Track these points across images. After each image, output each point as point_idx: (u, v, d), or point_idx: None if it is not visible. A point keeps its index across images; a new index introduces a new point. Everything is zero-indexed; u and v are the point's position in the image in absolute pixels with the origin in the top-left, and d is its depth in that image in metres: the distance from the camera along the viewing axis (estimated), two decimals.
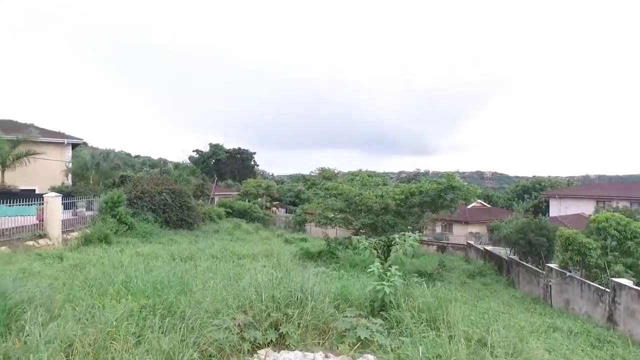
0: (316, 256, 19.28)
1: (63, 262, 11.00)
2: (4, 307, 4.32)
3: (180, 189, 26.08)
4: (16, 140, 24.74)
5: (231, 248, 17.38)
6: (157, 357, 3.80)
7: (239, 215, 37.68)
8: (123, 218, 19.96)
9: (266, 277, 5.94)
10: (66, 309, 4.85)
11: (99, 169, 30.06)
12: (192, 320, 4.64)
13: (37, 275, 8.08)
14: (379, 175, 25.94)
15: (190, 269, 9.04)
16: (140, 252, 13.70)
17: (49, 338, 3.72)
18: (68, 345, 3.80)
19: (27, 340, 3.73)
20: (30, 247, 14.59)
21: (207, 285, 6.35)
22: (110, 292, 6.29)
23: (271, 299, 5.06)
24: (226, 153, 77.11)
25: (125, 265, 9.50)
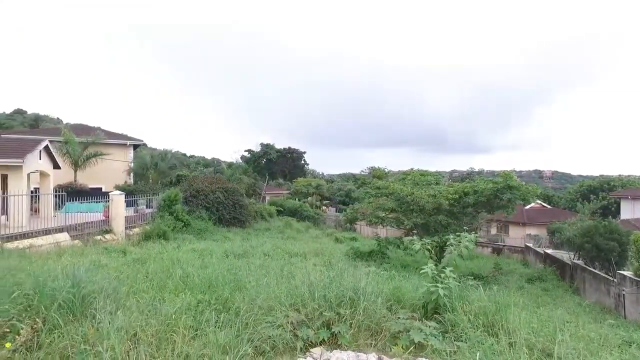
0: (367, 256, 19.14)
1: (126, 256, 11.63)
2: (79, 295, 4.65)
3: (233, 188, 26.87)
4: (86, 143, 26.66)
5: (282, 246, 17.64)
6: (213, 351, 3.91)
7: (289, 214, 38.23)
8: (179, 215, 20.87)
9: (318, 276, 5.95)
10: (130, 301, 5.13)
11: (158, 169, 31.69)
12: (246, 317, 4.74)
13: (105, 267, 8.60)
14: (432, 175, 25.29)
15: (243, 266, 9.25)
16: (195, 248, 14.22)
17: (117, 326, 3.96)
18: (133, 335, 4.01)
19: (99, 327, 3.99)
20: (98, 241, 15.65)
21: (260, 283, 6.47)
22: (169, 286, 6.58)
23: (323, 298, 5.06)
24: (277, 152, 78.52)
25: (182, 261, 9.92)
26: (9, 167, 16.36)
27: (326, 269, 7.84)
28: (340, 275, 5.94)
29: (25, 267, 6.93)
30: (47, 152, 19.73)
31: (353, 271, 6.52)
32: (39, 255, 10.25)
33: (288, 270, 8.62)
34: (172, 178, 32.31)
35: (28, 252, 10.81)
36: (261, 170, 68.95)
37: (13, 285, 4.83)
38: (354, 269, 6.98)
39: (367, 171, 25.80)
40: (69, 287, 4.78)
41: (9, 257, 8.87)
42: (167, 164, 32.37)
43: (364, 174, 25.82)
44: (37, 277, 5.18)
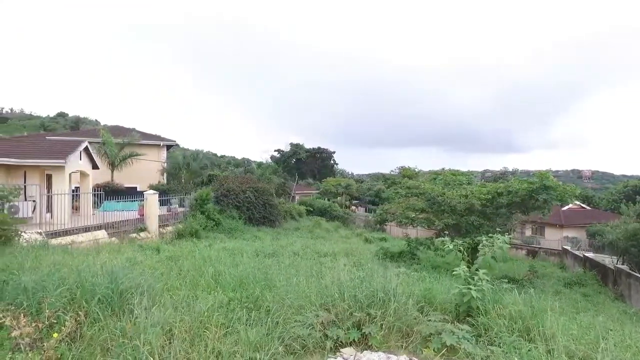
0: (396, 256, 18.96)
1: (160, 254, 11.93)
2: (117, 290, 4.83)
3: (263, 188, 27.17)
4: (122, 143, 27.62)
5: (312, 246, 17.70)
6: (245, 348, 3.98)
7: (319, 214, 38.33)
8: (211, 214, 21.28)
9: (348, 276, 5.94)
10: (165, 297, 5.28)
11: (190, 169, 32.43)
12: (276, 315, 4.79)
13: (140, 264, 8.86)
14: (464, 174, 24.74)
15: (273, 265, 9.34)
16: (226, 247, 14.46)
17: (153, 322, 4.09)
18: (168, 330, 4.13)
19: (136, 322, 4.14)
20: (134, 238, 16.16)
21: (290, 282, 6.52)
22: (202, 284, 6.72)
23: (354, 298, 5.04)
24: (306, 152, 78.88)
25: (214, 259, 10.10)
26: (53, 168, 17.16)
27: (356, 269, 7.82)
28: (370, 276, 5.91)
29: (68, 263, 7.24)
30: (86, 152, 20.57)
31: (383, 272, 6.48)
32: (79, 251, 10.68)
33: (318, 270, 8.64)
34: (203, 178, 32.99)
35: (70, 248, 11.27)
36: (291, 170, 69.46)
37: (58, 280, 5.07)
38: (384, 270, 6.93)
39: (396, 171, 25.52)
40: (107, 282, 4.99)
41: (53, 252, 9.29)
42: (199, 164, 33.08)
43: (394, 174, 25.54)
44: (79, 273, 5.42)
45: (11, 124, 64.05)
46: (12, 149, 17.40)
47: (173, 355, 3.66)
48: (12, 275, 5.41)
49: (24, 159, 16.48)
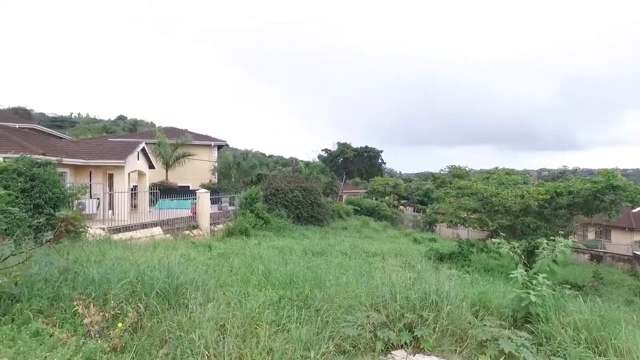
0: (447, 257, 18.45)
1: (211, 251, 12.33)
2: (173, 285, 5.04)
3: (311, 187, 27.36)
4: (176, 144, 28.84)
5: (360, 245, 17.61)
6: (295, 346, 4.00)
7: (366, 213, 38.07)
8: (260, 213, 21.71)
9: (399, 277, 5.83)
10: (218, 293, 5.43)
11: (240, 168, 33.30)
12: (326, 315, 4.78)
13: (193, 261, 9.20)
14: (519, 173, 23.61)
15: (322, 264, 9.38)
16: (275, 245, 14.70)
17: (207, 317, 4.21)
18: (221, 325, 4.23)
19: (191, 316, 4.29)
20: (187, 235, 16.82)
21: (340, 281, 6.50)
22: (253, 281, 6.85)
23: (405, 299, 4.94)
24: (354, 151, 78.59)
25: (263, 257, 10.29)
26: (114, 167, 18.23)
27: (406, 270, 7.67)
28: (421, 277, 5.77)
29: (129, 257, 7.66)
30: (143, 153, 21.65)
31: (434, 273, 6.30)
32: (138, 246, 11.26)
33: (367, 270, 8.57)
34: (252, 177, 33.75)
35: (129, 243, 11.90)
36: (338, 169, 69.53)
37: (120, 273, 5.36)
38: (435, 271, 6.75)
39: (446, 170, 24.75)
40: (164, 277, 5.21)
41: (115, 247, 9.87)
42: (248, 164, 33.88)
43: (443, 173, 24.79)
44: (138, 267, 5.70)
45: (78, 127, 68.78)
46: (80, 150, 18.65)
47: (226, 350, 3.75)
48: (81, 267, 5.79)
49: (89, 159, 17.62)
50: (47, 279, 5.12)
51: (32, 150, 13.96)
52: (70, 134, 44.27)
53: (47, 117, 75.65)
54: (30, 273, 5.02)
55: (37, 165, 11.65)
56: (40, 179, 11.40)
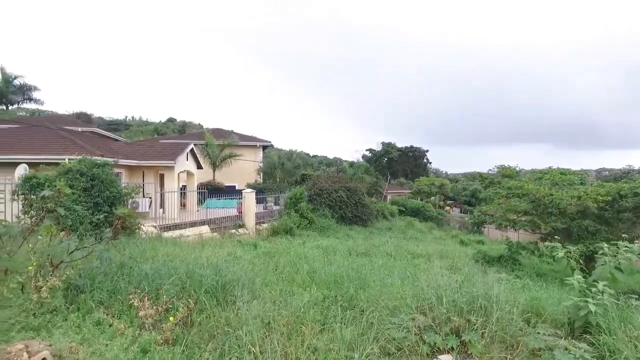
0: (495, 261, 17.77)
1: (257, 250, 12.56)
2: (221, 282, 5.19)
3: (355, 187, 27.25)
4: (223, 145, 29.71)
5: (405, 246, 17.34)
6: (340, 346, 4.00)
7: (411, 214, 37.44)
8: (304, 213, 21.88)
9: (445, 279, 5.70)
10: (264, 291, 5.54)
11: (284, 168, 33.76)
12: (371, 316, 4.76)
13: (239, 259, 9.43)
14: (575, 173, 22.30)
15: (366, 265, 9.32)
16: (319, 245, 14.75)
17: (253, 314, 4.31)
18: (267, 323, 4.32)
19: (238, 313, 4.40)
20: (233, 234, 17.26)
21: (385, 282, 6.44)
22: (298, 280, 6.93)
23: (452, 303, 4.81)
24: (398, 151, 77.49)
25: (308, 256, 10.36)
26: (165, 168, 19.05)
27: (452, 273, 7.47)
28: (469, 280, 5.60)
29: (179, 254, 7.97)
30: (192, 154, 22.48)
31: (483, 276, 6.10)
32: (187, 244, 11.70)
33: (412, 272, 8.43)
34: (297, 177, 34.09)
35: (179, 241, 12.38)
36: (382, 169, 68.84)
37: (171, 269, 5.59)
38: (483, 274, 6.53)
39: (495, 170, 23.80)
40: (212, 275, 5.38)
41: (166, 244, 10.30)
42: (292, 164, 34.28)
43: (492, 173, 23.86)
44: (187, 265, 5.93)
45: (132, 129, 72.49)
46: (133, 152, 19.65)
47: (272, 347, 3.81)
48: (136, 263, 6.10)
49: (142, 160, 18.52)
50: (106, 272, 5.44)
51: (92, 152, 14.88)
52: (124, 136, 46.76)
53: (105, 121, 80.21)
54: (91, 267, 5.36)
55: (96, 166, 12.36)
56: (99, 178, 12.10)
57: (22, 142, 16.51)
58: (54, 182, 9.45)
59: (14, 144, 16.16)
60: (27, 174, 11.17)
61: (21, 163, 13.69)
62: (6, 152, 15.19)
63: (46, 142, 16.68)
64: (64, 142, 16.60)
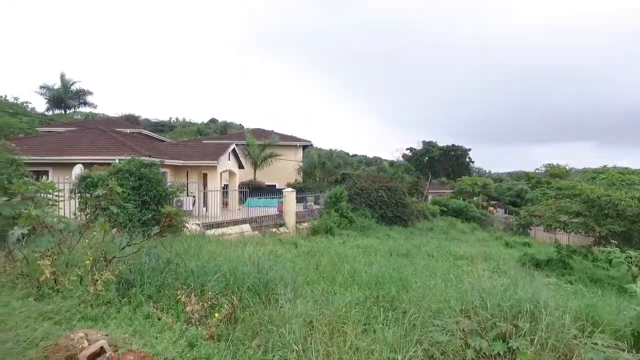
0: (543, 264, 16.99)
1: (297, 249, 12.65)
2: (264, 280, 5.28)
3: (396, 186, 26.92)
4: (264, 145, 30.18)
5: (447, 247, 16.94)
6: (382, 348, 3.96)
7: (453, 214, 36.57)
8: (344, 212, 21.84)
9: (490, 282, 5.51)
10: (305, 290, 5.57)
11: (324, 167, 33.88)
12: (414, 318, 4.67)
13: (281, 258, 9.54)
14: (635, 173, 20.96)
15: (407, 265, 9.19)
16: (359, 245, 14.68)
17: (296, 313, 4.34)
18: (309, 322, 4.34)
19: (281, 311, 4.46)
20: (273, 233, 17.49)
21: (427, 284, 6.31)
22: (339, 280, 6.93)
23: (497, 307, 4.64)
24: (439, 150, 75.73)
25: (348, 256, 10.34)
26: (208, 167, 19.60)
27: (497, 275, 7.22)
28: (515, 284, 5.38)
29: (222, 252, 8.17)
30: (234, 154, 23.01)
31: (530, 280, 5.85)
32: (229, 242, 11.97)
33: (455, 274, 8.22)
34: (337, 176, 34.10)
35: (221, 238, 12.69)
36: (423, 168, 67.57)
37: (215, 267, 5.74)
38: (530, 278, 6.27)
39: (542, 169, 22.82)
40: (255, 273, 5.47)
41: (209, 242, 10.59)
42: (332, 163, 34.34)
43: (539, 173, 22.94)
44: (231, 262, 6.06)
45: (176, 130, 75.05)
46: (178, 152, 20.36)
47: (314, 346, 3.83)
48: (182, 260, 6.31)
49: (186, 160, 19.15)
50: (154, 268, 5.65)
51: (140, 152, 15.55)
52: (169, 137, 48.49)
53: (151, 122, 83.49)
54: (141, 262, 5.59)
55: (144, 166, 12.90)
56: (147, 178, 12.62)
57: (78, 144, 17.51)
58: (106, 181, 9.97)
59: (71, 146, 17.17)
60: (83, 174, 11.83)
61: (77, 164, 14.51)
62: (65, 154, 16.16)
63: (99, 143, 17.61)
64: (114, 144, 17.46)
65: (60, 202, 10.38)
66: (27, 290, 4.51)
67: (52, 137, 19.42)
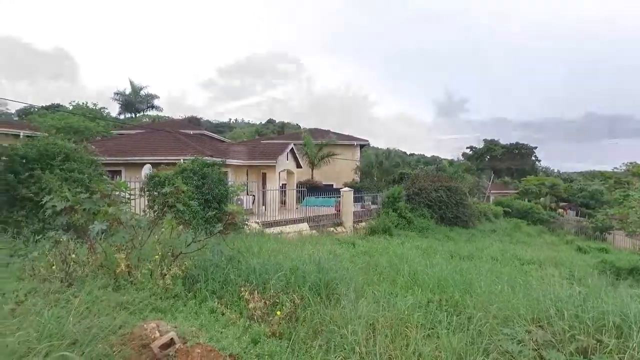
0: (626, 273, 15.58)
1: (355, 248, 12.57)
2: (324, 280, 5.27)
3: (456, 186, 26.01)
4: (321, 144, 30.42)
5: (511, 251, 16.07)
6: (447, 355, 3.80)
7: (518, 216, 34.72)
8: (402, 212, 21.44)
9: (564, 291, 5.12)
10: (366, 291, 5.49)
11: (382, 167, 33.43)
12: (480, 324, 4.45)
13: (339, 257, 9.50)
14: None
15: (470, 269, 8.80)
16: (419, 246, 14.33)
17: (358, 314, 4.29)
18: (371, 324, 4.26)
19: (342, 311, 4.42)
20: (331, 232, 17.54)
21: (494, 289, 5.99)
22: (399, 281, 6.77)
23: (575, 318, 4.28)
24: (502, 148, 72.32)
25: (407, 257, 10.09)
26: (267, 167, 20.08)
27: (571, 283, 6.70)
28: (596, 294, 4.95)
29: (282, 250, 8.30)
30: (292, 153, 23.39)
31: (612, 291, 5.36)
32: (287, 241, 12.14)
33: (523, 279, 7.75)
34: (395, 176, 33.50)
35: (279, 237, 12.90)
36: (485, 168, 64.87)
37: (276, 265, 5.82)
38: (612, 288, 5.74)
39: (622, 168, 20.95)
40: (315, 272, 5.48)
41: (268, 240, 10.80)
42: (390, 162, 33.79)
43: (618, 172, 21.07)
44: (292, 260, 6.12)
45: (235, 131, 77.61)
46: (238, 152, 21.06)
47: (377, 349, 3.75)
48: (243, 257, 6.47)
49: (246, 160, 19.75)
50: (217, 264, 5.84)
51: (203, 152, 16.24)
52: (229, 138, 50.23)
53: (212, 124, 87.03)
54: (205, 258, 5.80)
55: (206, 165, 13.44)
56: (210, 177, 13.13)
57: (147, 145, 18.66)
58: (172, 180, 10.49)
59: (141, 148, 18.32)
60: (151, 173, 12.55)
61: (146, 163, 15.44)
62: (136, 154, 17.28)
63: (166, 144, 18.65)
64: (179, 145, 18.40)
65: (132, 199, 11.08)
66: (106, 280, 4.82)
67: (125, 139, 20.88)
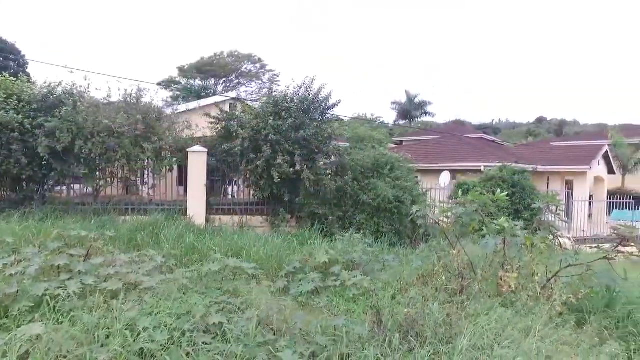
0: None
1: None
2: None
3: None
4: (638, 144, 24.69)
5: None
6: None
7: None
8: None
9: None
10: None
11: None
12: None
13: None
14: None
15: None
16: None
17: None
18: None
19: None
20: None
21: None
22: None
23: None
24: None
25: None
26: (574, 173, 17.42)
27: None
28: None
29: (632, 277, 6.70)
30: (604, 157, 19.67)
31: None
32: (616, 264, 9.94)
33: None
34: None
35: None
36: None
37: None
38: None
39: None
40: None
41: None
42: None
43: None
44: None
45: (503, 133, 72.03)
46: (534, 156, 19.09)
47: None
48: None
49: (548, 165, 17.67)
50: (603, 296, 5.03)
51: (505, 158, 15.37)
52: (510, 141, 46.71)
53: (474, 125, 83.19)
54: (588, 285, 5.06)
55: (516, 173, 12.57)
56: (520, 186, 12.22)
57: (441, 152, 19.08)
58: (478, 188, 10.13)
59: (436, 154, 18.89)
60: (460, 181, 12.62)
61: (444, 170, 15.73)
62: (432, 161, 17.87)
63: (460, 151, 18.57)
64: (472, 150, 18.02)
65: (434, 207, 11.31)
66: (491, 298, 4.71)
67: (415, 147, 22.02)
